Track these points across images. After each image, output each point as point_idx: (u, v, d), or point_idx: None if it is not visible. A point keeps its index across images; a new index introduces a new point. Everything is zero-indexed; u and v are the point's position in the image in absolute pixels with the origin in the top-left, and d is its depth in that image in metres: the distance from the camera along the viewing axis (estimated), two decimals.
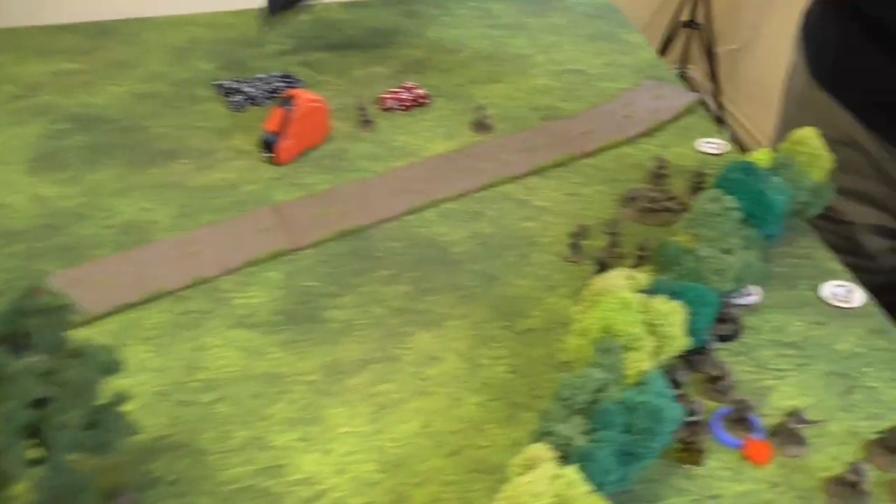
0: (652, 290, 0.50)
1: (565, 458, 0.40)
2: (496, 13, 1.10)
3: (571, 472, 0.38)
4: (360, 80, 0.93)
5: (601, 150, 0.78)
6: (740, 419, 0.48)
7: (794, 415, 0.47)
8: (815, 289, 0.60)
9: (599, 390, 0.44)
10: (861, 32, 0.71)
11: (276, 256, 0.66)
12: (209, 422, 0.51)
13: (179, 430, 0.51)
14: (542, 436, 0.42)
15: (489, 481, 0.46)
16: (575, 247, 0.64)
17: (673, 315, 0.48)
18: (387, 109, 0.86)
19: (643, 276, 0.51)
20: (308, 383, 0.54)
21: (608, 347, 0.46)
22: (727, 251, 0.55)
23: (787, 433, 0.48)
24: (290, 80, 0.91)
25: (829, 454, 0.47)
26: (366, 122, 0.83)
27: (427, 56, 0.98)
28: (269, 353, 0.56)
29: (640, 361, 0.46)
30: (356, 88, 0.91)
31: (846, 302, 0.58)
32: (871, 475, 0.45)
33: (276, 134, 0.77)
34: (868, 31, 0.71)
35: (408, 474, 0.47)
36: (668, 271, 0.54)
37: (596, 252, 0.63)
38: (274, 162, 0.77)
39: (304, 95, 0.78)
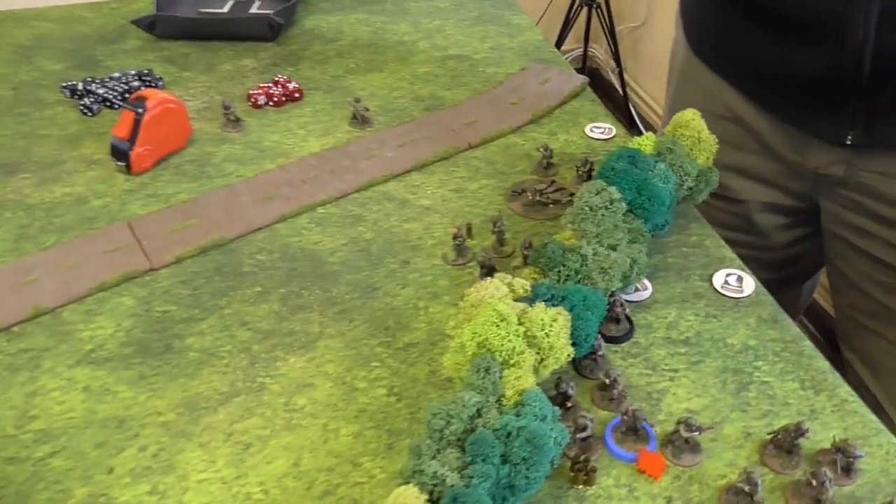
0: (532, 297, 0.46)
1: (435, 501, 0.36)
2: None
3: None
4: (228, 75, 0.86)
5: (487, 140, 0.74)
6: (632, 430, 0.45)
7: (685, 423, 0.44)
8: (707, 279, 0.57)
9: (475, 416, 0.39)
10: (737, 7, 0.70)
11: (128, 279, 0.59)
12: (42, 482, 0.44)
13: (7, 493, 0.44)
14: (411, 475, 0.37)
15: None
16: (459, 248, 0.59)
17: (555, 323, 0.44)
18: (256, 107, 0.80)
19: (523, 283, 0.47)
20: (161, 425, 0.48)
21: (485, 366, 0.42)
22: (613, 247, 0.51)
23: (680, 442, 0.45)
24: (148, 79, 0.83)
25: (725, 460, 0.45)
26: (233, 122, 0.76)
27: (302, 47, 0.92)
28: (117, 392, 0.50)
29: (521, 378, 0.42)
30: (224, 85, 0.84)
31: (738, 291, 0.56)
32: (764, 481, 0.42)
33: (128, 140, 0.69)
34: (744, 5, 0.69)
35: None
36: (552, 273, 0.50)
37: (481, 254, 0.59)
38: (128, 171, 0.70)
39: (156, 95, 0.70)
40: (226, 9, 0.99)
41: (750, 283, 0.57)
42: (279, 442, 0.46)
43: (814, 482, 0.41)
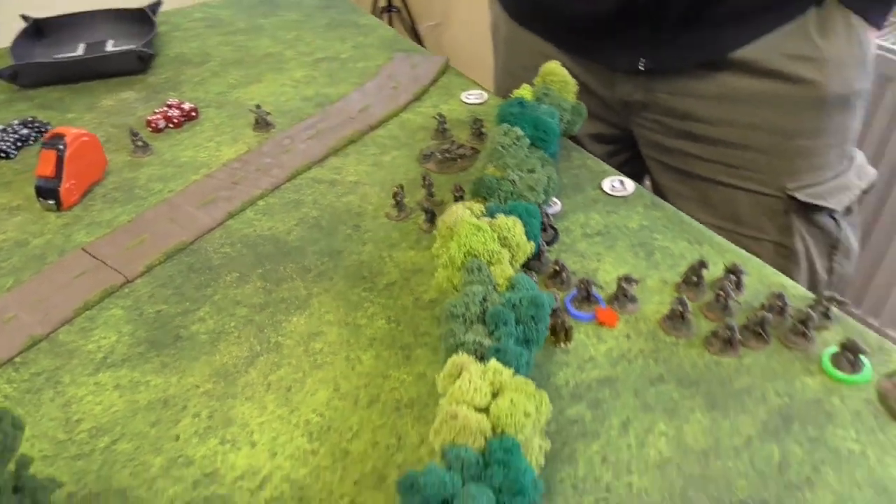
0: (489, 214, 0.58)
1: (482, 358, 0.47)
2: (227, 20, 1.11)
3: (495, 363, 0.45)
4: (112, 109, 0.89)
5: (384, 121, 0.84)
6: (585, 298, 0.58)
7: (625, 278, 0.57)
8: (598, 188, 0.72)
9: (484, 300, 0.50)
10: None
11: (108, 294, 0.63)
12: (117, 463, 0.49)
13: (89, 482, 0.48)
14: (455, 349, 0.47)
15: (414, 412, 0.51)
16: (399, 205, 0.69)
17: (516, 227, 0.56)
18: (157, 131, 0.84)
19: (478, 206, 0.59)
20: (203, 394, 0.54)
21: (476, 266, 0.53)
22: (531, 170, 0.64)
23: (622, 297, 0.58)
24: (36, 125, 0.84)
25: (654, 302, 0.59)
26: (142, 147, 0.81)
27: (175, 73, 0.97)
28: (148, 381, 0.55)
29: (504, 270, 0.53)
30: (113, 118, 0.87)
31: (623, 191, 0.71)
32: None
33: (54, 178, 0.72)
34: None
35: (339, 434, 0.50)
36: (493, 198, 0.62)
37: (418, 205, 0.69)
38: (59, 208, 0.72)
39: (70, 131, 0.74)
40: (79, 52, 1.01)
41: (630, 185, 0.72)
42: (314, 378, 0.54)
43: (720, 294, 0.56)
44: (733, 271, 0.59)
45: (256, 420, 0.52)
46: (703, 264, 0.58)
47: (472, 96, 0.88)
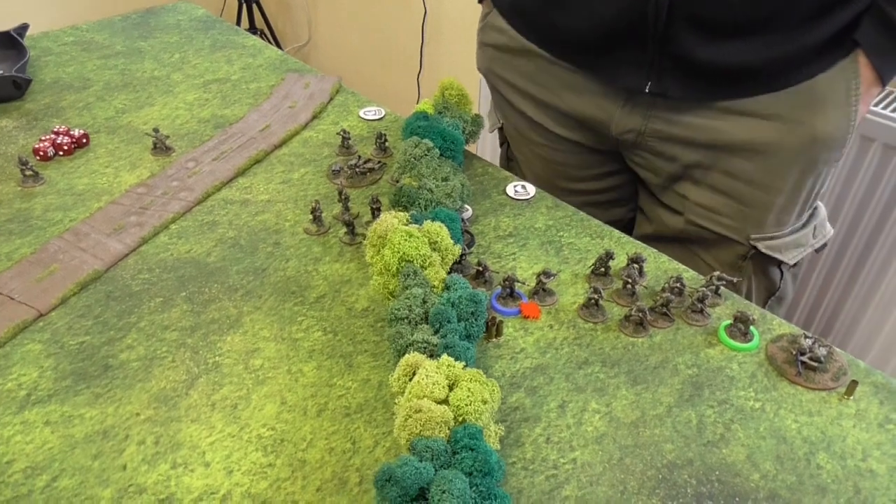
0: (415, 221, 0.61)
1: (431, 355, 0.49)
2: (103, 43, 1.07)
3: (447, 358, 0.48)
4: None
5: (286, 140, 0.85)
6: (509, 294, 0.63)
7: (544, 273, 0.62)
8: (503, 192, 0.77)
9: (424, 301, 0.53)
10: None
11: (21, 330, 0.60)
12: (62, 500, 0.48)
13: None
14: (405, 349, 0.50)
15: (364, 416, 0.53)
16: (317, 220, 0.71)
17: (442, 232, 0.59)
18: (46, 159, 0.81)
19: (403, 214, 0.62)
20: (145, 421, 0.53)
21: (412, 270, 0.56)
22: (445, 179, 0.68)
23: (541, 291, 0.63)
24: None
25: (570, 294, 0.64)
26: (32, 177, 0.77)
27: (56, 99, 0.93)
28: (82, 414, 0.53)
29: (438, 272, 0.57)
30: None
31: (526, 195, 0.77)
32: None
33: None
34: None
35: (293, 444, 0.51)
36: (413, 207, 0.65)
37: (336, 219, 0.71)
38: None
39: None
40: None
41: (531, 188, 0.78)
42: (259, 394, 0.55)
43: (628, 281, 0.63)
44: (635, 260, 0.65)
45: (206, 440, 0.51)
46: (610, 255, 0.64)
47: (370, 112, 0.91)
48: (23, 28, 1.02)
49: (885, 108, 1.15)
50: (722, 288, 0.64)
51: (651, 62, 0.72)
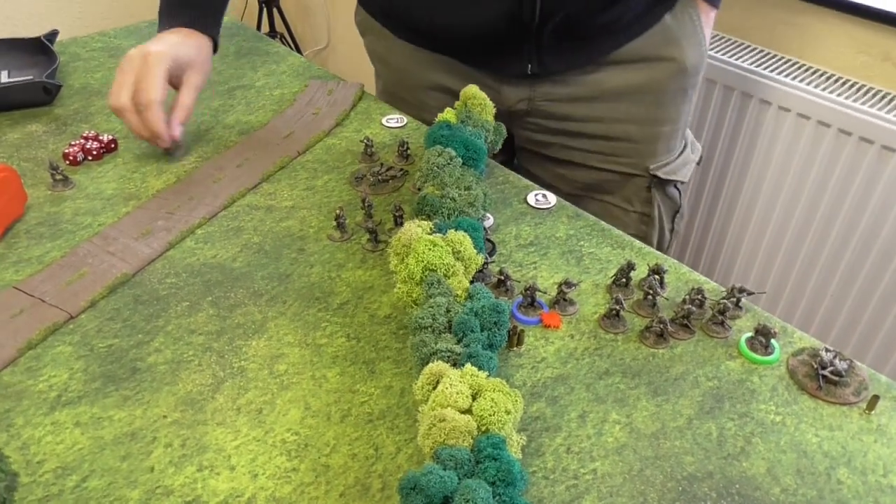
0: (438, 230, 0.62)
1: (455, 364, 0.50)
2: (128, 49, 1.09)
3: (471, 367, 0.48)
4: (20, 143, 0.86)
5: (309, 146, 0.86)
6: (530, 303, 0.63)
7: (565, 283, 0.63)
8: (524, 201, 0.78)
9: (448, 311, 0.54)
10: None
11: (52, 332, 0.61)
12: (91, 500, 0.49)
13: None
14: (428, 358, 0.51)
15: (386, 423, 0.54)
16: (341, 227, 0.72)
17: (465, 241, 0.60)
18: (75, 164, 0.82)
19: (427, 223, 0.63)
20: (172, 424, 0.54)
21: (436, 279, 0.56)
22: (468, 188, 0.69)
23: (562, 301, 0.64)
24: None
25: (591, 304, 0.65)
26: (62, 181, 0.79)
27: (84, 104, 0.94)
28: (111, 416, 0.54)
29: (461, 281, 0.57)
30: (22, 152, 0.84)
31: (546, 204, 0.77)
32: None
33: None
34: None
35: (317, 450, 0.52)
36: (437, 215, 0.66)
37: (359, 226, 0.72)
38: None
39: None
40: None
41: (552, 197, 0.78)
42: (283, 399, 0.56)
43: (649, 292, 0.63)
44: (657, 271, 0.65)
45: (232, 444, 0.52)
46: (631, 266, 0.65)
47: (393, 120, 0.92)
48: (53, 34, 1.04)
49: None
50: (743, 300, 0.65)
51: (529, 51, 0.85)
